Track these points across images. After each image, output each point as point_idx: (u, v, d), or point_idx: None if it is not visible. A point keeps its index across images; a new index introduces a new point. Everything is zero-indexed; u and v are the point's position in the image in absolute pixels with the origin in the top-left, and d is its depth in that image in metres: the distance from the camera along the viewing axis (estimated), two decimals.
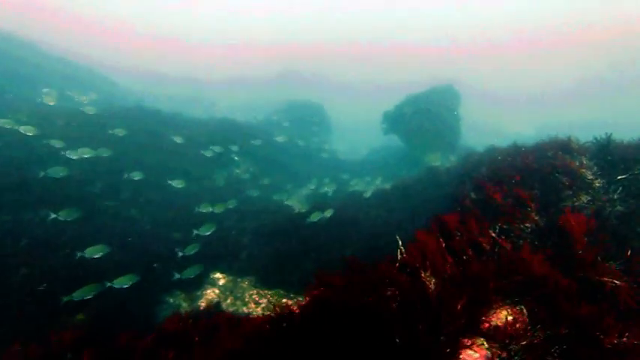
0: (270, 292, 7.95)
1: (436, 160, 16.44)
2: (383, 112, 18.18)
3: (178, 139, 12.70)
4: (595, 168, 4.63)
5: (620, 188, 4.36)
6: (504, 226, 3.65)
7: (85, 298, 5.89)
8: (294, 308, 3.88)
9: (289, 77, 51.03)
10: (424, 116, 15.87)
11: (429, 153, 16.18)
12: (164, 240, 8.70)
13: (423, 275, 3.46)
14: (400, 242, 4.08)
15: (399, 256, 4.06)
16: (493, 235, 3.69)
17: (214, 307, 7.61)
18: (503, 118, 47.30)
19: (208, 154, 12.88)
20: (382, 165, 18.11)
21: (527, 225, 3.60)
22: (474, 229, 3.70)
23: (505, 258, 3.06)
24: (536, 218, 3.67)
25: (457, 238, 3.83)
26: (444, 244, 3.78)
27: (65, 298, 5.55)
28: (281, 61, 57.97)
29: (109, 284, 6.13)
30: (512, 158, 5.85)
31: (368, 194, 9.92)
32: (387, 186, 16.22)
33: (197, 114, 28.40)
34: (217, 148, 13.44)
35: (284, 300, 7.68)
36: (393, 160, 18.44)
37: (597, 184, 4.24)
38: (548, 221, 3.59)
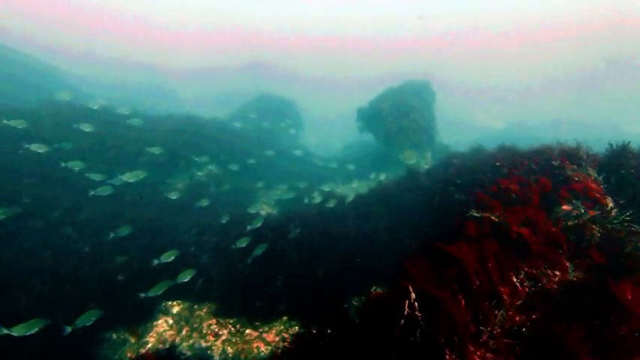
0: (231, 321, 6.92)
1: (411, 159, 15.87)
2: (357, 109, 17.29)
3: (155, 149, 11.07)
4: (604, 184, 3.98)
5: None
6: (531, 271, 2.84)
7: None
8: None
9: (257, 68, 48.95)
10: (400, 113, 15.18)
11: (405, 151, 15.55)
12: (106, 265, 7.40)
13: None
14: (413, 295, 3.05)
15: (407, 310, 3.08)
16: (516, 282, 2.88)
17: (165, 346, 6.51)
18: (472, 111, 47.96)
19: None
20: (356, 164, 17.31)
21: (556, 272, 2.82)
22: (493, 274, 2.86)
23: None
24: (567, 264, 2.91)
25: (476, 286, 2.94)
26: (463, 301, 2.84)
27: None
28: (249, 51, 55.53)
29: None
30: (516, 169, 4.98)
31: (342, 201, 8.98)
32: (364, 189, 15.48)
33: (157, 105, 26.39)
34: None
35: (248, 331, 6.71)
36: (367, 158, 17.72)
37: (614, 212, 3.55)
38: (580, 272, 2.84)
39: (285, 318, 6.79)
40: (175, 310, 7.30)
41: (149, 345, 6.63)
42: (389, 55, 69.14)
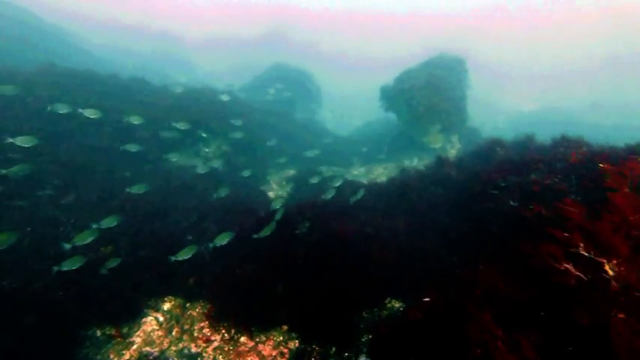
0: (226, 325, 6.15)
1: (437, 142, 14.45)
2: (380, 88, 15.67)
3: (135, 119, 10.15)
4: None
5: None
6: None
7: None
8: None
9: (276, 39, 46.65)
10: (429, 91, 13.56)
11: (430, 134, 14.10)
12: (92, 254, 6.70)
13: None
14: None
15: None
16: None
17: (152, 349, 5.84)
18: (500, 91, 44.43)
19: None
20: (375, 146, 16.03)
21: None
22: None
23: None
24: None
25: None
26: None
27: None
28: (268, 21, 52.88)
29: None
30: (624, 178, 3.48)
31: (358, 196, 8.00)
32: (382, 173, 14.28)
33: (171, 75, 25.43)
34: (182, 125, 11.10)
35: (242, 339, 5.93)
36: (388, 140, 16.35)
37: None
38: None
39: (285, 327, 5.97)
40: (166, 306, 6.60)
41: (135, 346, 5.98)
42: (417, 29, 64.78)
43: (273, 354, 5.60)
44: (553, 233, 2.68)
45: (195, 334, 6.15)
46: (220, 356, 5.76)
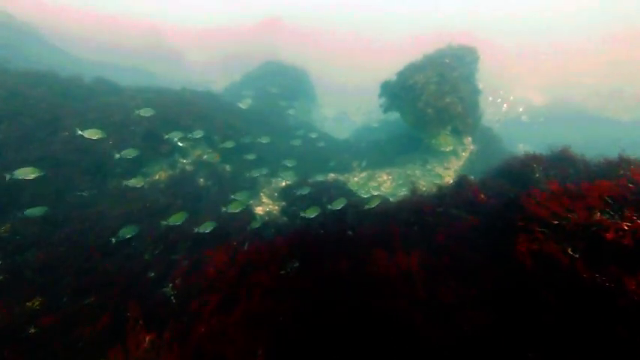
0: None
1: (447, 145, 12.89)
2: (381, 84, 13.97)
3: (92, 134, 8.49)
4: None
5: None
6: None
7: None
8: None
9: (272, 28, 44.63)
10: (441, 89, 11.92)
11: (440, 136, 12.53)
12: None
13: None
14: None
15: None
16: None
17: None
18: (505, 78, 41.76)
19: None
20: (375, 148, 14.49)
21: None
22: None
23: None
24: None
25: None
26: None
27: None
28: (263, 9, 50.65)
29: None
30: None
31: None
32: (385, 180, 12.76)
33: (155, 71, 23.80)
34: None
35: None
36: (389, 142, 14.80)
37: None
38: None
39: None
40: None
41: None
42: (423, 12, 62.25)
43: None
44: None
45: None
46: None
